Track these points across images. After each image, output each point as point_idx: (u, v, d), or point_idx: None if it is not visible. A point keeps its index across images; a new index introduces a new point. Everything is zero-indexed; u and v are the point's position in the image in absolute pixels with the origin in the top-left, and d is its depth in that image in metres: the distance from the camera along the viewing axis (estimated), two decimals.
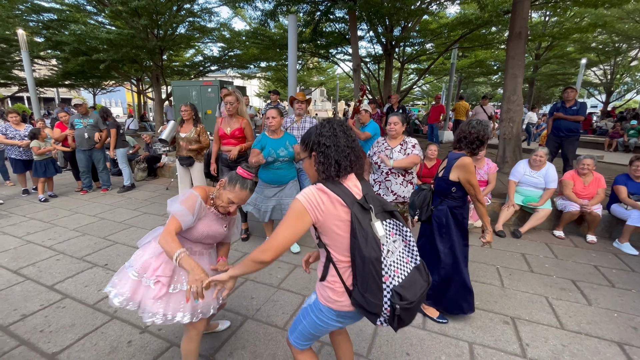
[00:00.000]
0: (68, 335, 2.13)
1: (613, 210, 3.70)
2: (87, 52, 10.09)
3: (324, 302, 1.24)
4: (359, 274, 1.11)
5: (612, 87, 18.38)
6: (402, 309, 1.09)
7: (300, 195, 1.15)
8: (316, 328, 1.30)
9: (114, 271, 2.94)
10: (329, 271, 1.21)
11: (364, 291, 1.11)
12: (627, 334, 2.18)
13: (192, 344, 1.62)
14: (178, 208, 1.46)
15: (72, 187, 5.92)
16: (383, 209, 1.19)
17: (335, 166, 1.15)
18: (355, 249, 1.10)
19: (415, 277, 1.17)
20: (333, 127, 1.19)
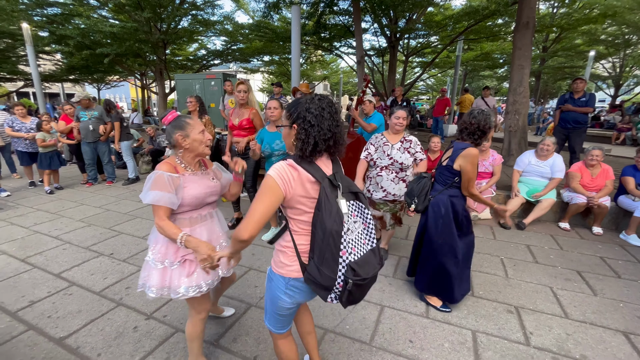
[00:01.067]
0: (75, 321, 2.16)
1: (620, 202, 3.66)
2: (91, 46, 10.12)
3: (275, 269, 1.27)
4: (317, 245, 1.14)
5: (621, 80, 18.04)
6: (355, 285, 1.11)
7: (271, 170, 1.16)
8: (274, 303, 1.31)
9: (120, 260, 2.98)
10: (284, 236, 1.25)
11: (320, 264, 1.13)
12: (632, 324, 2.17)
13: (196, 328, 1.63)
14: (153, 196, 1.41)
15: (78, 180, 5.97)
16: (349, 189, 1.21)
17: (312, 146, 1.15)
18: (317, 221, 1.13)
19: (370, 258, 1.20)
20: (322, 106, 1.15)
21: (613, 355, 1.89)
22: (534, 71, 16.69)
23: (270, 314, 1.37)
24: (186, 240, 1.42)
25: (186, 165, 1.56)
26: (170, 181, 1.45)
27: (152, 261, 1.53)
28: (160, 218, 1.43)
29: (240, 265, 2.91)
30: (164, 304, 2.34)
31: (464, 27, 9.80)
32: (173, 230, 1.43)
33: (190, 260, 1.54)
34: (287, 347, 1.42)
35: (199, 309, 1.62)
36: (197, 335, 1.65)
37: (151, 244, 1.58)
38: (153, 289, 1.51)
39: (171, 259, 1.52)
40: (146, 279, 1.54)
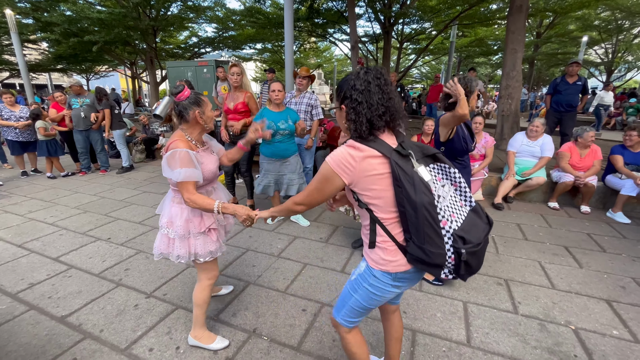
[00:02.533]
0: (76, 300, 2.20)
1: (608, 181, 3.76)
2: (78, 34, 9.86)
3: (376, 266, 1.12)
4: (412, 224, 1.01)
5: (613, 66, 18.15)
6: (469, 254, 1.01)
7: (329, 157, 1.09)
8: (370, 299, 1.17)
9: (117, 244, 3.00)
10: (377, 232, 1.11)
11: (422, 243, 1.01)
12: (615, 292, 2.27)
13: (205, 292, 1.71)
14: (185, 173, 1.45)
15: (71, 169, 5.92)
16: (424, 153, 1.09)
17: (367, 125, 1.05)
18: (402, 198, 1.00)
19: (475, 220, 1.09)
20: (368, 80, 1.05)
21: (596, 321, 1.99)
22: (527, 58, 16.69)
23: (353, 310, 1.23)
24: (223, 207, 1.47)
25: (195, 142, 1.61)
26: (194, 158, 1.51)
27: (175, 234, 1.58)
28: (191, 193, 1.47)
29: (238, 246, 2.96)
30: (164, 283, 2.39)
31: (457, 12, 9.73)
32: (207, 201, 1.48)
33: (214, 228, 1.66)
34: (358, 339, 1.31)
35: (211, 274, 1.72)
36: (205, 301, 1.72)
37: (164, 217, 1.63)
38: (184, 257, 1.60)
39: (195, 230, 1.59)
40: (166, 249, 1.61)
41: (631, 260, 2.72)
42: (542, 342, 1.81)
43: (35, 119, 5.29)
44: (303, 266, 2.62)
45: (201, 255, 1.62)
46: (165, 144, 1.55)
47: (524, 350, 1.76)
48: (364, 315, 1.26)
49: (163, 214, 1.65)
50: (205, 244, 1.62)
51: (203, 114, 1.56)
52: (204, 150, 1.65)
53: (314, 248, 2.92)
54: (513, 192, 4.11)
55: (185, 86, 1.60)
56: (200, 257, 1.62)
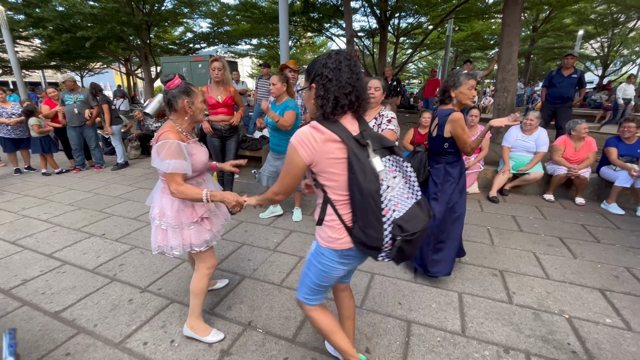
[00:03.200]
0: (70, 296, 2.18)
1: (602, 173, 3.78)
2: (70, 30, 9.73)
3: (324, 244, 1.21)
4: (359, 209, 1.09)
5: (609, 60, 18.20)
6: (404, 241, 1.08)
7: (293, 137, 1.13)
8: (321, 276, 1.26)
9: (112, 240, 2.98)
10: (327, 211, 1.19)
11: (365, 227, 1.09)
12: (608, 282, 2.29)
13: (203, 282, 1.70)
14: (173, 164, 1.44)
15: (65, 167, 5.85)
16: (382, 145, 1.14)
17: (333, 102, 1.09)
18: (353, 184, 1.08)
19: (416, 212, 1.15)
20: (339, 59, 1.10)
21: (589, 309, 2.00)
22: (523, 52, 16.70)
23: (309, 286, 1.32)
24: (211, 195, 1.48)
25: (186, 134, 1.60)
26: (185, 149, 1.49)
27: (167, 225, 1.58)
28: (179, 184, 1.47)
29: (234, 240, 2.95)
30: (159, 277, 2.38)
31: (453, 6, 9.69)
32: (195, 190, 1.48)
33: (207, 217, 1.66)
34: (323, 316, 1.36)
35: (210, 263, 1.72)
36: (202, 290, 1.71)
37: (155, 209, 1.61)
38: (177, 249, 1.60)
39: (187, 220, 1.59)
40: (162, 241, 1.61)
41: (624, 250, 2.74)
42: (536, 331, 1.82)
43: (28, 116, 5.23)
44: (299, 260, 2.61)
45: (197, 245, 1.61)
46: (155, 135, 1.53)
47: (517, 339, 1.77)
48: (322, 292, 1.34)
49: (154, 206, 1.63)
50: (199, 233, 1.62)
51: (192, 104, 1.54)
52: (194, 141, 1.63)
53: (310, 242, 2.91)
54: (509, 185, 4.12)
55: (176, 75, 1.58)
56: (196, 247, 1.61)
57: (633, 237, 2.97)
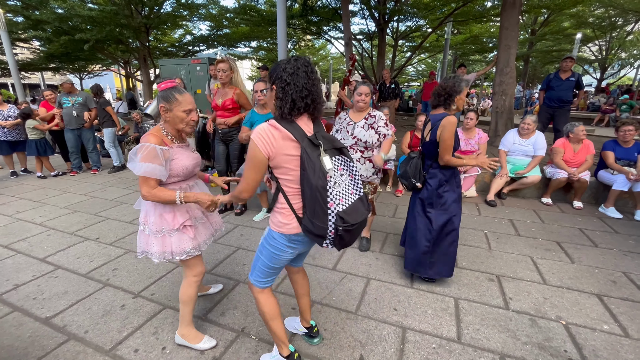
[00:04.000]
0: (61, 301, 2.15)
1: (600, 177, 3.76)
2: (69, 32, 9.73)
3: (275, 228, 1.34)
4: (307, 201, 1.22)
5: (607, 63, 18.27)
6: (344, 230, 1.21)
7: (254, 132, 1.22)
8: (272, 258, 1.38)
9: (106, 244, 2.96)
10: (278, 198, 1.32)
11: (312, 217, 1.22)
12: (606, 287, 2.27)
13: (191, 289, 1.68)
14: (145, 168, 1.42)
15: (62, 169, 5.83)
16: (333, 146, 1.27)
17: (290, 104, 1.20)
18: (304, 180, 1.20)
19: (358, 206, 1.28)
20: (297, 65, 1.21)
21: (586, 315, 1.98)
22: (522, 55, 16.75)
23: (260, 269, 1.43)
24: (185, 197, 1.49)
25: (172, 137, 1.58)
26: (162, 153, 1.47)
27: (150, 231, 1.57)
28: (151, 187, 1.46)
29: (229, 245, 2.92)
30: (152, 283, 2.35)
31: (451, 9, 9.72)
32: (168, 193, 1.48)
33: (189, 225, 1.62)
34: (269, 300, 1.48)
35: (196, 271, 1.69)
36: (191, 298, 1.69)
37: (142, 213, 1.62)
38: (156, 255, 1.58)
39: (168, 227, 1.56)
40: (145, 246, 1.60)
41: (622, 254, 2.72)
42: (533, 338, 1.80)
43: (25, 119, 5.22)
44: None
45: (176, 253, 1.58)
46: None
47: (514, 346, 1.74)
48: (271, 275, 1.45)
49: (141, 210, 1.62)
50: (180, 242, 1.58)
51: (169, 110, 1.50)
52: (180, 146, 1.60)
53: None
54: (507, 189, 4.11)
55: (168, 79, 1.57)
56: (177, 255, 1.58)
57: (631, 242, 2.95)
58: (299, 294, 1.72)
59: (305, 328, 1.78)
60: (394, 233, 3.15)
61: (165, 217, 1.56)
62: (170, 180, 1.57)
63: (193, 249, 1.63)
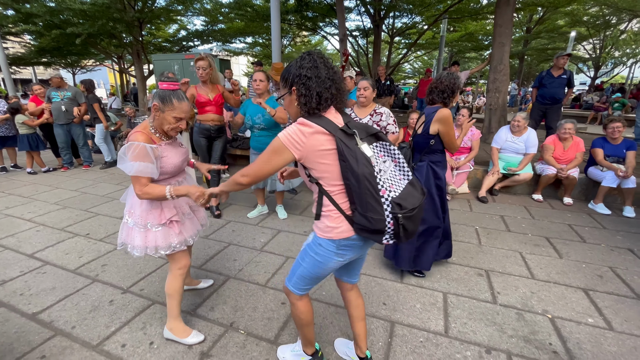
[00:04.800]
0: (49, 297, 2.13)
1: (589, 173, 3.80)
2: (61, 26, 9.57)
3: (322, 234, 1.23)
4: (356, 195, 1.12)
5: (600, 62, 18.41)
6: (405, 218, 1.11)
7: (281, 132, 1.16)
8: (317, 267, 1.28)
9: (96, 240, 2.93)
10: (323, 202, 1.21)
11: (365, 211, 1.11)
12: (592, 281, 2.30)
13: (176, 282, 1.67)
14: (137, 167, 1.41)
15: (53, 165, 5.75)
16: (367, 133, 1.20)
17: (316, 98, 1.14)
18: (347, 171, 1.11)
19: (411, 190, 1.17)
20: (313, 58, 1.16)
21: (572, 309, 2.01)
22: (517, 53, 16.81)
23: (303, 278, 1.33)
24: (175, 190, 1.47)
25: (160, 135, 1.56)
26: (152, 152, 1.46)
27: (134, 224, 1.56)
28: (143, 185, 1.45)
29: (221, 240, 2.92)
30: (141, 278, 2.34)
31: (447, 5, 9.71)
32: (158, 189, 1.46)
33: (176, 220, 1.62)
34: (307, 307, 1.42)
35: (181, 264, 1.68)
36: (176, 290, 1.68)
37: (127, 206, 1.61)
38: (138, 249, 1.56)
39: (154, 221, 1.55)
40: (126, 238, 1.59)
41: (610, 250, 2.76)
42: (519, 331, 1.82)
43: (14, 114, 5.13)
44: (285, 259, 2.59)
45: (162, 247, 1.57)
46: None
47: (500, 339, 1.77)
48: (312, 284, 1.36)
49: (127, 203, 1.62)
50: (166, 236, 1.58)
51: (161, 111, 1.48)
52: (168, 143, 1.58)
53: (298, 241, 2.89)
54: (499, 186, 4.15)
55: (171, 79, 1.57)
56: (162, 249, 1.58)
57: (618, 237, 2.99)
58: (353, 317, 1.50)
59: (359, 358, 1.56)
60: None
61: (152, 211, 1.55)
62: (160, 177, 1.56)
63: (179, 243, 1.62)
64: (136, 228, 1.56)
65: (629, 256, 2.66)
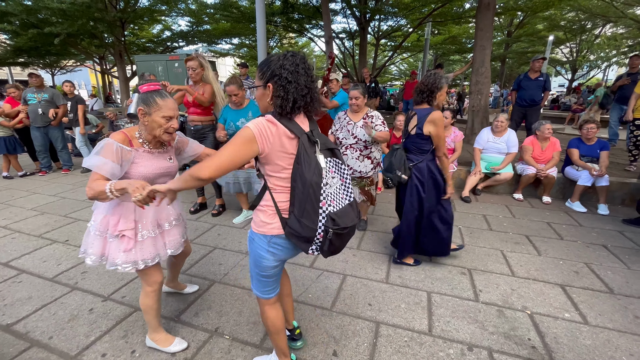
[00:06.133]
0: (24, 307, 2.06)
1: (566, 173, 3.95)
2: (38, 25, 9.25)
3: (255, 229, 1.27)
4: (297, 198, 1.16)
5: (577, 65, 19.13)
6: (335, 234, 1.16)
7: (251, 123, 1.14)
8: (255, 263, 1.31)
9: (76, 246, 2.85)
10: (264, 196, 1.24)
11: (300, 216, 1.16)
12: (569, 277, 2.39)
13: (148, 299, 1.61)
14: (96, 161, 1.34)
15: (30, 169, 5.55)
16: (326, 146, 1.23)
17: (292, 103, 1.14)
18: (297, 174, 1.15)
19: (348, 211, 1.23)
20: (296, 62, 1.14)
21: (550, 305, 2.08)
22: (499, 56, 17.29)
23: (256, 278, 1.37)
24: (116, 184, 1.29)
25: (144, 141, 1.49)
26: (119, 152, 1.38)
27: (94, 228, 1.50)
28: (92, 180, 1.32)
29: (206, 244, 2.88)
30: (123, 285, 2.28)
31: (431, 9, 9.91)
32: (100, 183, 1.30)
33: (129, 237, 1.48)
34: (274, 313, 1.41)
35: (150, 281, 1.59)
36: (151, 307, 1.63)
37: (94, 210, 1.55)
38: (92, 256, 1.49)
39: (111, 231, 1.47)
40: (87, 245, 1.52)
41: (585, 246, 2.87)
42: (499, 328, 1.87)
43: None
44: None
45: (109, 262, 1.49)
46: None
47: (481, 336, 1.81)
48: (268, 283, 1.36)
49: (95, 206, 1.57)
50: (116, 250, 1.47)
51: (147, 114, 1.42)
52: (149, 151, 1.50)
53: None
54: (481, 185, 4.25)
55: (150, 81, 1.53)
56: (108, 264, 1.49)
57: (593, 234, 3.11)
58: (281, 294, 1.62)
59: (288, 330, 1.70)
60: (372, 230, 3.19)
61: (110, 218, 1.47)
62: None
63: (125, 263, 1.47)
64: (94, 234, 1.49)
65: (603, 252, 2.77)
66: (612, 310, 2.03)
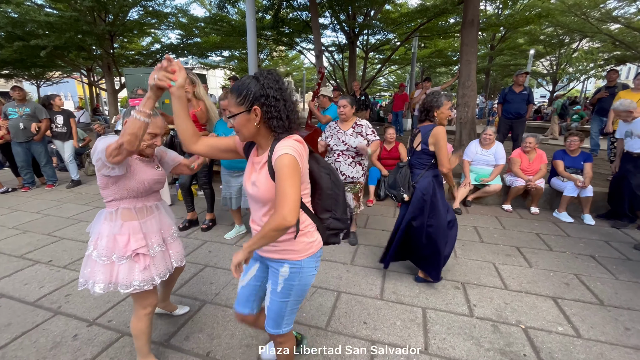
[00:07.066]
0: (3, 335, 1.95)
1: (552, 184, 4.05)
2: (24, 37, 9.10)
3: (301, 256, 1.22)
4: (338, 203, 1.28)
5: (557, 77, 19.92)
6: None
7: (287, 148, 1.07)
8: (303, 292, 1.27)
9: (59, 267, 2.74)
10: (300, 218, 1.19)
11: (342, 214, 1.30)
12: (560, 289, 2.42)
13: (141, 323, 1.55)
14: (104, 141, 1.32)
15: (12, 185, 5.37)
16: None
17: (287, 120, 1.14)
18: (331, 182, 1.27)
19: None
20: (276, 78, 1.11)
21: (543, 318, 2.09)
22: (483, 68, 17.87)
23: (292, 312, 1.30)
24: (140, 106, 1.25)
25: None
26: None
27: (97, 256, 1.44)
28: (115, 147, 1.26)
29: (196, 262, 2.81)
30: (110, 308, 2.19)
31: (417, 24, 10.22)
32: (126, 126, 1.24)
33: (144, 254, 1.49)
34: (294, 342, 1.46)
35: (145, 303, 1.55)
36: (143, 331, 1.57)
37: (93, 235, 1.49)
38: (101, 284, 1.42)
39: (120, 253, 1.44)
40: (89, 275, 1.45)
41: (574, 257, 2.92)
42: (495, 344, 1.87)
43: None
44: None
45: (122, 285, 1.43)
46: None
47: (477, 353, 1.80)
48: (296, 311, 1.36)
49: (92, 232, 1.50)
50: (129, 272, 1.45)
51: None
52: (142, 160, 1.54)
53: None
54: (471, 197, 4.31)
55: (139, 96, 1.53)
56: (121, 287, 1.43)
57: (581, 244, 3.18)
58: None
59: None
60: (365, 244, 3.18)
61: (118, 239, 1.44)
62: (124, 194, 1.46)
63: (143, 282, 1.46)
64: (99, 260, 1.43)
65: (591, 263, 2.83)
66: (604, 322, 2.05)
